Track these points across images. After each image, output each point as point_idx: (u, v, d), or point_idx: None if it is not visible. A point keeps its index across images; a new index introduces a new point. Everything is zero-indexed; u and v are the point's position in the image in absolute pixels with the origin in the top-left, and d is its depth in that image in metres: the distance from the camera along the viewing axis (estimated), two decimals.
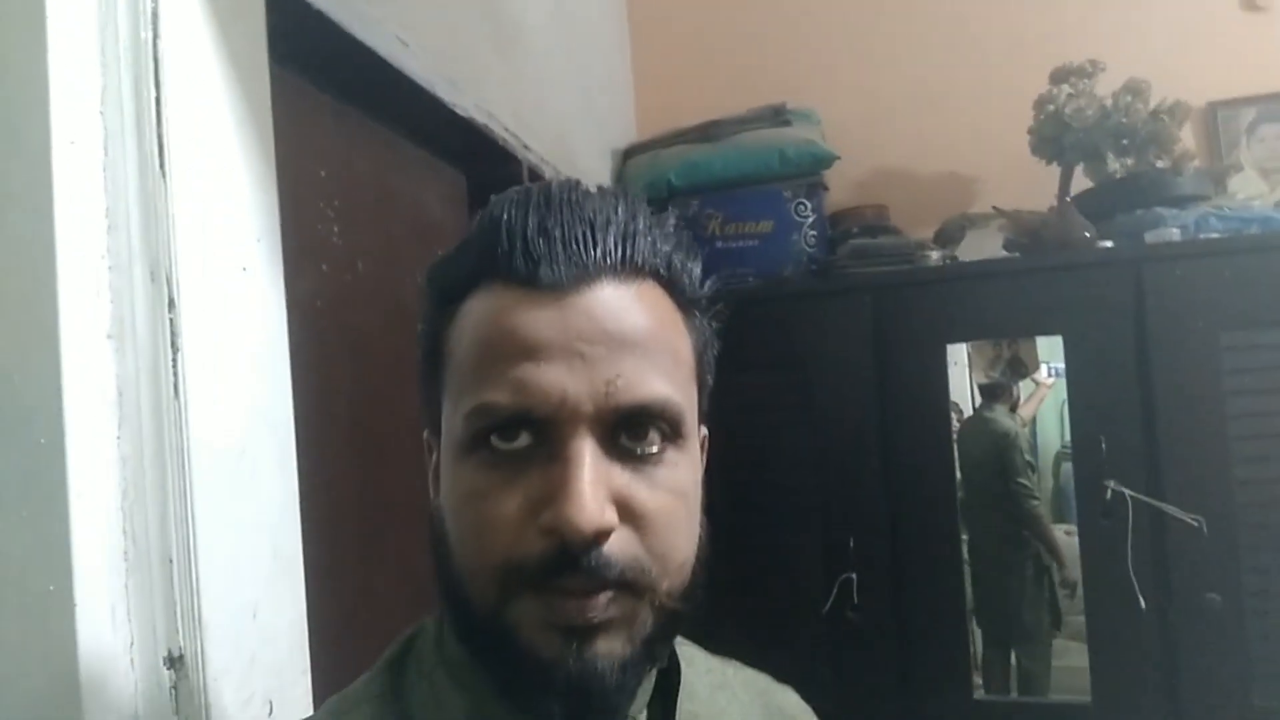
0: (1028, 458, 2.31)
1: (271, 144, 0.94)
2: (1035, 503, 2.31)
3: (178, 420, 0.77)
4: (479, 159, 1.70)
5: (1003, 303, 2.00)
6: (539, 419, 0.54)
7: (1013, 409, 2.35)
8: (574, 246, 0.57)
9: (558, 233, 0.57)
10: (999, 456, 2.30)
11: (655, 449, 0.57)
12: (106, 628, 0.72)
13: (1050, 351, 2.03)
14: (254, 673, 0.83)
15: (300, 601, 0.91)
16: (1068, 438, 2.35)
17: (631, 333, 0.56)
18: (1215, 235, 1.93)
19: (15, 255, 0.72)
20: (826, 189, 2.25)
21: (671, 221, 0.63)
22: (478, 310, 0.59)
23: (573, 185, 0.60)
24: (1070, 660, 2.25)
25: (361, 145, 1.39)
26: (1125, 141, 2.01)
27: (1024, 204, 2.12)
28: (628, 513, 0.55)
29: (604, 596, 0.54)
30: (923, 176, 2.43)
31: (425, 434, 0.66)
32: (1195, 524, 1.82)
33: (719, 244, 2.16)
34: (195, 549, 0.77)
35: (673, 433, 0.58)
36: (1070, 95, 2.04)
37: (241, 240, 0.88)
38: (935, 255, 2.11)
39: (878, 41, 2.50)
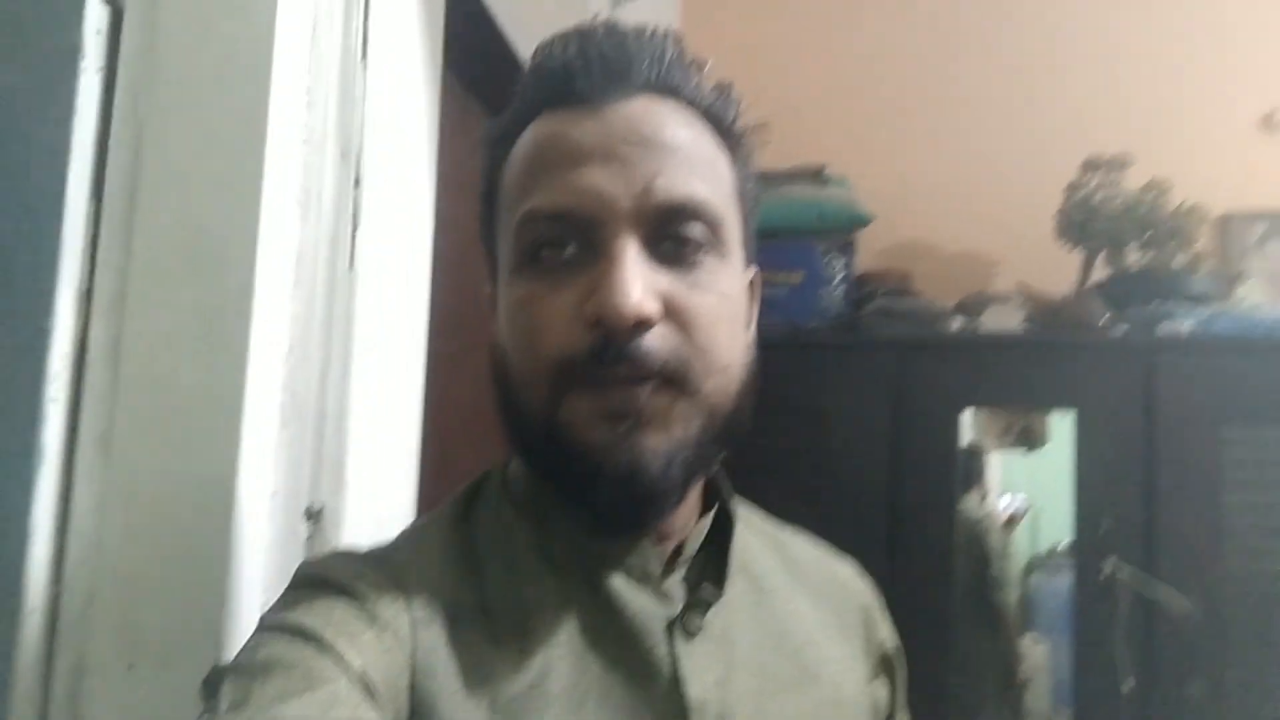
0: (1002, 547, 2.35)
1: (439, 71, 0.99)
2: (1006, 593, 2.33)
3: (348, 290, 0.79)
4: None
5: (1020, 374, 2.07)
6: (582, 220, 0.58)
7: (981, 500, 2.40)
8: (610, 64, 0.61)
9: (594, 53, 0.61)
10: (975, 545, 2.33)
11: (697, 253, 0.59)
12: (259, 472, 0.73)
13: (1061, 425, 2.09)
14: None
15: (412, 490, 0.93)
16: (1038, 549, 2.43)
17: (670, 139, 0.60)
18: (1223, 334, 2.03)
19: (234, 117, 0.76)
20: (856, 251, 2.33)
21: (708, 67, 0.66)
22: (524, 139, 0.63)
23: (612, 22, 0.64)
24: None
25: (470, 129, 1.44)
26: (1148, 234, 2.12)
27: (1040, 286, 2.21)
28: (671, 310, 0.58)
29: (649, 386, 0.56)
30: (946, 251, 2.53)
31: (488, 289, 0.69)
32: (1187, 610, 1.87)
33: None
34: (347, 413, 0.79)
35: (713, 239, 0.60)
36: (1100, 184, 2.15)
37: (413, 147, 0.92)
38: (958, 324, 2.19)
39: (912, 117, 2.61)
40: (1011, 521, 2.43)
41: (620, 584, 0.62)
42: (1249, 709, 1.85)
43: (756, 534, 0.75)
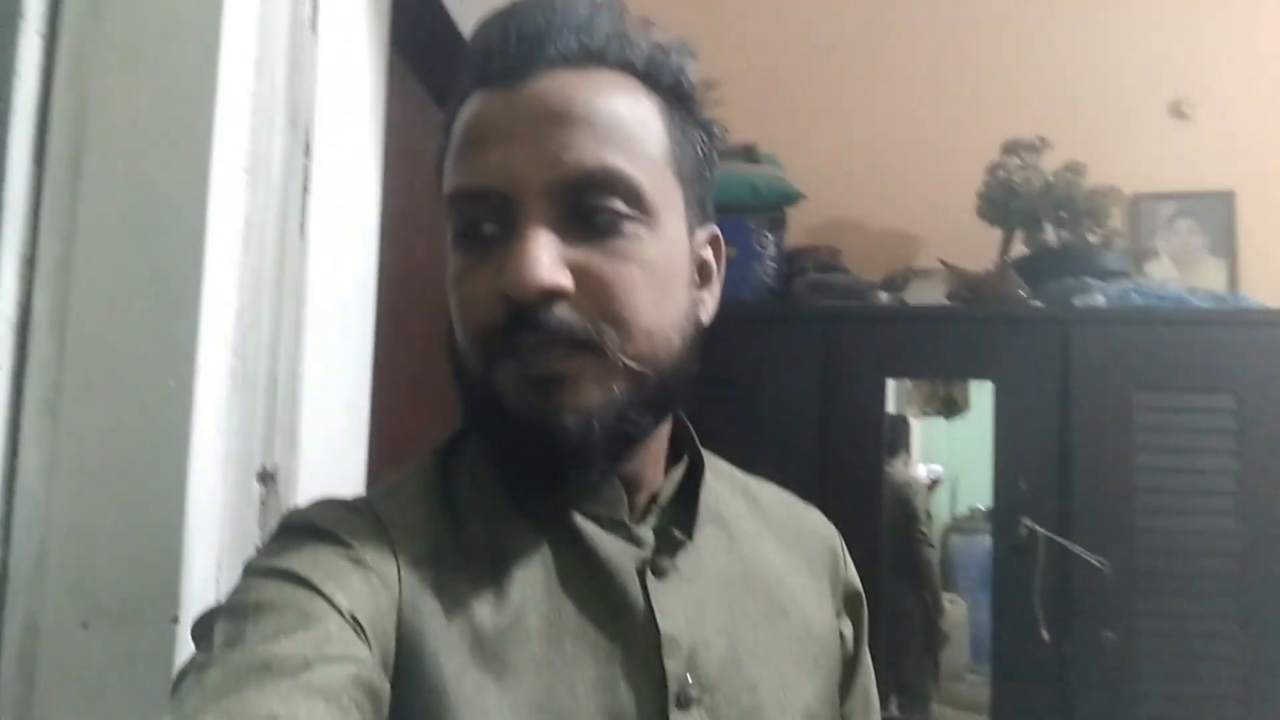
0: (926, 507, 2.44)
1: (386, 45, 0.99)
2: (931, 550, 2.43)
3: (299, 256, 0.81)
4: None
5: (942, 346, 2.15)
6: (496, 198, 0.60)
7: (905, 465, 2.49)
8: (526, 42, 0.61)
9: (514, 30, 0.62)
10: (901, 506, 2.41)
11: (614, 222, 0.60)
12: (211, 435, 0.75)
13: (981, 394, 2.18)
14: None
15: (364, 451, 0.94)
16: (958, 512, 2.53)
17: (581, 111, 0.60)
18: (1135, 308, 2.13)
19: (181, 83, 0.76)
20: (786, 228, 2.38)
21: (655, 27, 0.67)
22: (456, 121, 0.64)
23: None
24: None
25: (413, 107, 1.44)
26: (1064, 214, 2.20)
27: (962, 262, 2.29)
28: (585, 280, 0.59)
29: (562, 352, 0.59)
30: (872, 228, 2.59)
31: None
32: (1099, 565, 1.97)
33: None
34: (299, 378, 0.80)
35: (634, 208, 0.61)
36: (1019, 166, 2.23)
37: (360, 118, 0.93)
38: (884, 297, 2.26)
39: (840, 98, 2.67)
40: (933, 485, 2.52)
41: (592, 530, 0.65)
42: (1157, 654, 1.97)
43: (726, 483, 0.79)
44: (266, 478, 0.79)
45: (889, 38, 2.68)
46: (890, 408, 2.21)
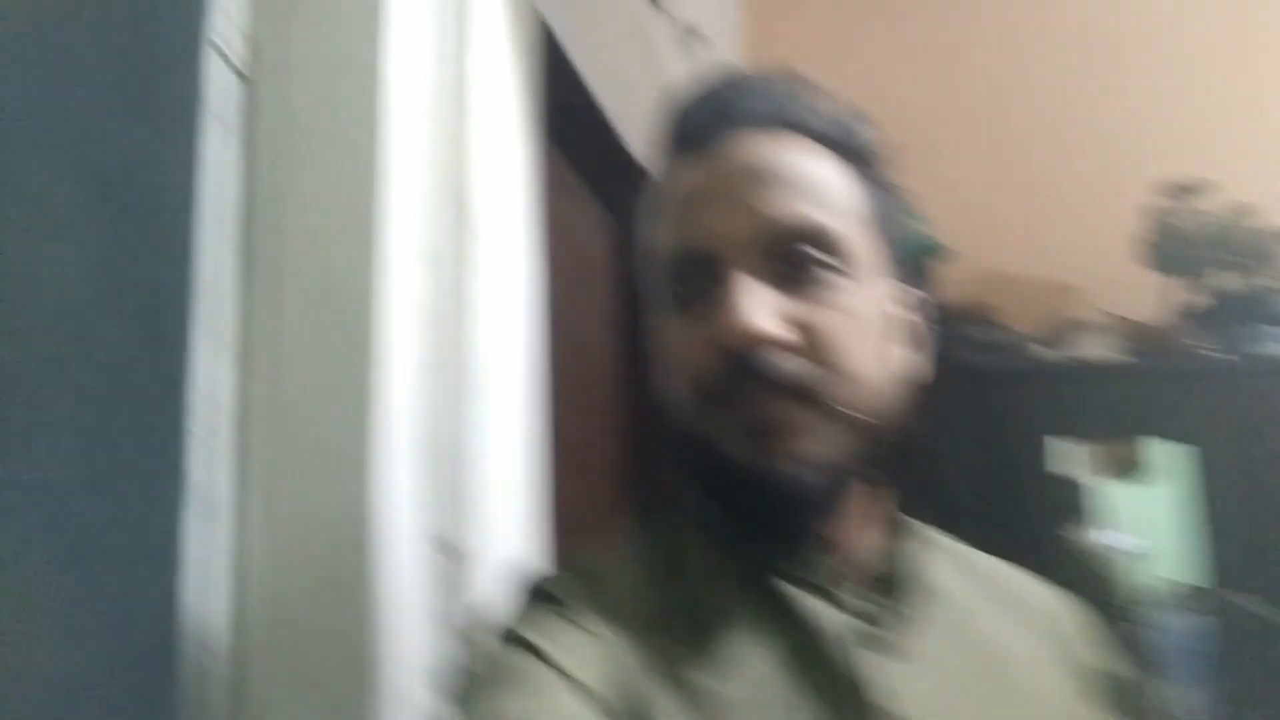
0: (1122, 579, 2.14)
1: (537, 131, 1.05)
2: (1137, 628, 2.14)
3: (470, 335, 0.86)
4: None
5: (1116, 402, 2.04)
6: (704, 257, 0.62)
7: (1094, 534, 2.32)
8: (719, 107, 0.66)
9: (707, 99, 0.67)
10: (1093, 577, 2.17)
11: (819, 273, 0.62)
12: (396, 511, 0.78)
13: (1168, 454, 2.04)
14: None
15: (541, 522, 0.99)
16: (1149, 584, 2.33)
17: (777, 168, 0.63)
18: None
19: (342, 185, 0.80)
20: (934, 283, 2.32)
21: (832, 98, 0.70)
22: (657, 191, 0.69)
23: (730, 69, 0.70)
24: None
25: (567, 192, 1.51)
26: (1236, 258, 2.08)
27: (1118, 312, 2.20)
28: (798, 330, 0.60)
29: (779, 401, 0.59)
30: (1022, 280, 2.49)
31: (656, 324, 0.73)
32: None
33: None
34: (478, 452, 0.84)
35: (838, 262, 0.62)
36: (1186, 209, 2.12)
37: (516, 205, 0.99)
38: (1045, 352, 2.16)
39: (986, 144, 2.60)
40: (1125, 555, 2.34)
41: (804, 597, 0.63)
42: None
43: (943, 554, 0.74)
44: (449, 551, 0.82)
45: (1039, 78, 2.61)
46: (1063, 470, 2.10)
